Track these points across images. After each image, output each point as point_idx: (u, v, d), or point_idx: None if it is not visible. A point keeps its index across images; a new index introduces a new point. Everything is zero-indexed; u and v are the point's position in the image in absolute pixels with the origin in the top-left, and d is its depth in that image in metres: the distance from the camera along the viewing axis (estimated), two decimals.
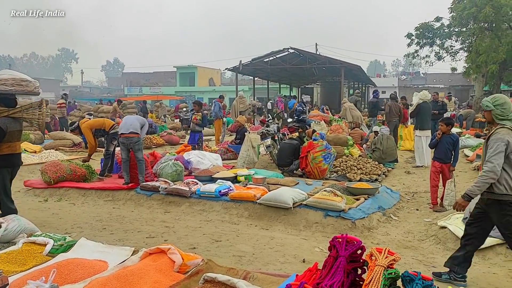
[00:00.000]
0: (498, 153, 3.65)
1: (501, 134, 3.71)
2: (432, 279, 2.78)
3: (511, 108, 3.77)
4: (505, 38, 19.84)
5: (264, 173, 8.16)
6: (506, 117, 3.77)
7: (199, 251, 4.61)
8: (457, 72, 27.66)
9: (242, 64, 24.72)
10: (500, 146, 3.65)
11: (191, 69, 51.71)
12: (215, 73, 55.07)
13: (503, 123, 3.78)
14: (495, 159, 3.65)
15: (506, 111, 3.76)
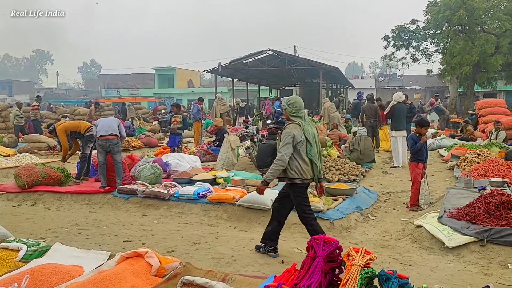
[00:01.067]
0: (286, 145, 4.37)
1: (289, 129, 4.42)
2: (407, 277, 2.82)
3: (301, 107, 4.54)
4: (478, 40, 20.34)
5: (243, 175, 8.15)
6: (296, 114, 4.51)
7: (177, 254, 4.57)
8: (432, 74, 28.24)
9: (221, 65, 24.67)
10: (287, 139, 4.36)
11: (169, 70, 51.29)
12: (194, 74, 54.74)
13: (293, 119, 4.49)
14: (284, 149, 4.37)
15: (296, 110, 4.51)
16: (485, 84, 25.89)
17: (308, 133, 4.42)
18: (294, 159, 4.39)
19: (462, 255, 4.61)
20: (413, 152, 6.94)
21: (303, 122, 4.46)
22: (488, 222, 4.84)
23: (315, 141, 4.49)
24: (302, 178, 4.42)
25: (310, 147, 4.41)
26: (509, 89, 33.51)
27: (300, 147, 4.38)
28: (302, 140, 4.38)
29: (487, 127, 14.16)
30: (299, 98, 4.65)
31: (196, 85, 53.15)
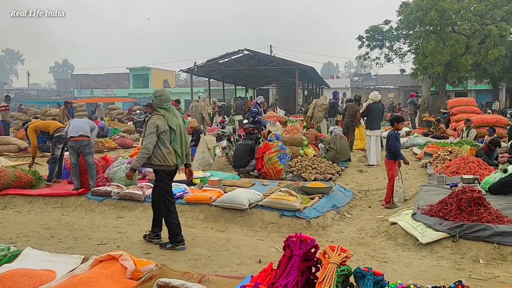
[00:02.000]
0: (150, 134, 4.70)
1: (154, 119, 4.76)
2: (382, 274, 2.86)
3: (167, 100, 4.89)
4: (449, 41, 20.83)
5: (220, 175, 8.12)
6: (162, 106, 4.85)
7: (153, 256, 4.51)
8: (406, 74, 28.80)
9: (197, 65, 24.53)
10: (151, 129, 4.70)
11: (144, 70, 50.68)
12: (170, 74, 54.25)
13: (159, 111, 4.83)
14: (148, 138, 4.70)
15: (162, 102, 4.85)
16: (456, 83, 26.58)
17: (172, 123, 4.79)
18: (157, 147, 4.75)
19: (435, 251, 4.70)
20: (391, 150, 7.04)
21: (167, 113, 4.82)
22: (460, 218, 4.96)
23: (180, 131, 4.89)
24: (165, 165, 4.80)
25: (174, 136, 4.80)
26: (479, 88, 34.48)
27: (164, 136, 4.75)
28: (165, 129, 4.75)
29: (458, 125, 14.52)
30: (165, 91, 5.02)
31: (171, 85, 52.70)
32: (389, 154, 7.13)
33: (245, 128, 11.79)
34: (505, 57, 21.19)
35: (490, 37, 20.10)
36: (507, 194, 6.46)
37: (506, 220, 4.92)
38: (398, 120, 7.26)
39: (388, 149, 7.17)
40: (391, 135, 7.08)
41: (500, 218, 4.94)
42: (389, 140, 7.04)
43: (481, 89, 34.56)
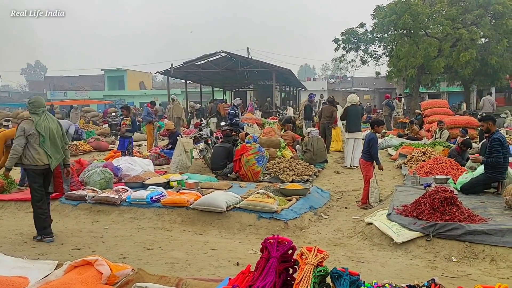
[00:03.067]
0: (18, 137, 5.15)
1: (22, 124, 5.20)
2: (358, 274, 2.90)
3: (40, 106, 5.31)
4: (422, 44, 21.26)
5: (197, 178, 8.08)
6: (34, 112, 5.27)
7: (129, 260, 4.46)
8: (380, 76, 29.27)
9: (174, 67, 24.33)
10: (19, 132, 5.15)
11: (120, 72, 49.93)
12: (146, 76, 53.64)
13: (30, 116, 5.27)
14: (17, 141, 5.16)
15: (35, 108, 5.26)
16: (429, 85, 27.15)
17: (41, 127, 5.20)
18: (27, 149, 5.20)
19: (410, 250, 4.79)
20: (370, 153, 7.13)
21: (37, 118, 5.22)
22: (433, 217, 5.07)
23: (51, 135, 5.31)
24: (35, 165, 5.24)
25: (43, 139, 5.21)
26: (451, 90, 35.31)
27: (31, 139, 5.17)
28: (32, 133, 5.16)
29: (431, 127, 14.84)
30: (39, 98, 5.44)
31: (148, 87, 52.13)
32: (366, 156, 7.22)
33: (222, 131, 11.77)
34: (475, 60, 21.72)
35: (461, 41, 20.62)
36: (478, 194, 6.64)
37: (477, 219, 5.06)
38: (378, 124, 7.40)
39: (365, 151, 7.26)
40: (372, 139, 7.16)
41: (472, 217, 5.07)
42: (370, 142, 7.11)
43: (453, 91, 35.39)
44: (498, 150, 6.46)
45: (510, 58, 21.87)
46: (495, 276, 4.01)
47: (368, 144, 7.15)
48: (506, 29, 20.69)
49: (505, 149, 6.54)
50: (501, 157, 6.46)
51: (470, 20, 21.43)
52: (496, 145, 6.49)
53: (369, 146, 7.11)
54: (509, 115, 21.47)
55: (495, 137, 6.60)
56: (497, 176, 6.60)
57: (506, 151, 6.56)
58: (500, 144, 6.47)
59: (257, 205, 5.97)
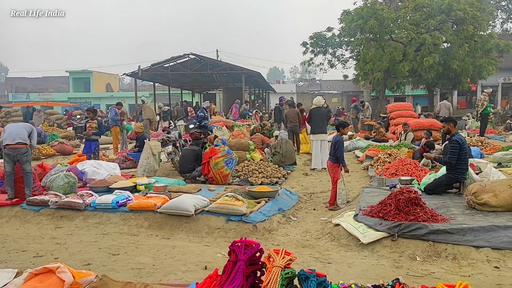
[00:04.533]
0: None
1: None
2: (325, 275, 2.92)
3: None
4: (388, 48, 21.79)
5: (165, 181, 7.96)
6: None
7: (94, 267, 4.33)
8: (348, 79, 29.77)
9: (141, 69, 23.97)
10: None
11: (85, 74, 48.71)
12: (113, 78, 52.54)
13: None
14: None
15: None
16: (395, 89, 27.81)
17: None
18: None
19: (376, 250, 4.87)
20: (336, 155, 7.24)
21: None
22: (398, 218, 5.17)
23: None
24: None
25: None
26: (416, 94, 36.32)
27: None
28: None
29: (397, 129, 15.20)
30: None
31: (115, 89, 51.11)
32: (333, 158, 7.33)
33: (191, 133, 11.68)
34: (438, 64, 22.42)
35: (425, 45, 21.23)
36: (441, 194, 6.84)
37: (440, 219, 5.20)
38: (343, 126, 7.53)
39: (332, 153, 7.36)
40: (338, 141, 7.28)
41: (435, 217, 5.20)
42: (336, 145, 7.22)
43: (417, 94, 36.42)
44: (454, 152, 6.69)
45: (471, 62, 22.67)
46: (457, 274, 4.12)
47: (334, 146, 7.27)
48: (467, 35, 21.45)
49: (464, 150, 6.76)
50: (455, 159, 6.69)
51: (433, 26, 22.11)
52: (453, 147, 6.72)
53: (335, 149, 7.23)
54: (470, 117, 22.28)
55: (454, 139, 6.83)
56: (458, 177, 6.81)
57: (465, 153, 6.78)
58: (458, 146, 6.70)
59: (225, 208, 5.94)
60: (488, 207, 5.58)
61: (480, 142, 13.15)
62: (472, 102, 36.67)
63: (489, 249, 4.47)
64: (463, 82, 25.51)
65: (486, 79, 26.05)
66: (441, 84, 27.36)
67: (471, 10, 21.26)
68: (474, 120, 20.43)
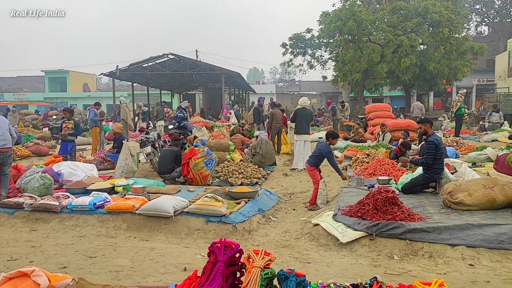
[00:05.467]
0: None
1: None
2: (304, 275, 2.93)
3: None
4: (366, 49, 22.09)
5: (144, 182, 7.88)
6: None
7: (70, 270, 4.26)
8: (327, 80, 30.05)
9: (119, 69, 23.65)
10: None
11: (62, 73, 47.77)
12: (90, 78, 51.69)
13: None
14: None
15: None
16: (373, 90, 28.23)
17: None
18: None
19: (355, 250, 4.92)
20: (315, 158, 7.33)
21: None
22: (376, 217, 5.24)
23: None
24: None
25: None
26: (393, 95, 36.91)
27: None
28: None
29: (375, 130, 15.41)
30: None
31: (92, 89, 50.31)
32: (311, 161, 7.40)
33: (170, 134, 11.59)
34: (415, 66, 22.85)
35: (402, 47, 21.61)
36: (418, 193, 6.96)
37: (417, 218, 5.29)
38: (334, 137, 7.55)
39: (313, 157, 7.46)
40: (329, 152, 7.36)
41: (412, 216, 5.29)
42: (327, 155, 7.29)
43: (395, 95, 37.02)
44: (430, 153, 6.83)
45: (446, 64, 23.17)
46: (433, 272, 4.20)
47: (320, 153, 7.34)
48: (443, 37, 21.92)
49: (440, 150, 6.90)
50: (432, 159, 6.83)
51: (409, 28, 22.51)
52: (430, 147, 6.86)
53: (321, 155, 7.31)
54: (446, 118, 22.75)
55: (431, 139, 6.97)
56: (434, 176, 6.95)
57: (441, 153, 6.93)
58: (434, 147, 6.84)
59: (205, 209, 5.91)
60: (463, 206, 5.71)
61: (455, 143, 13.45)
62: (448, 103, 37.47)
63: (464, 247, 4.57)
64: (439, 84, 26.03)
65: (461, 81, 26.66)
66: (417, 85, 27.89)
67: (447, 13, 21.73)
68: (449, 121, 20.88)
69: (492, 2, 44.16)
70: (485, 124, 19.41)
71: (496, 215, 5.45)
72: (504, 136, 14.70)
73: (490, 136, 15.64)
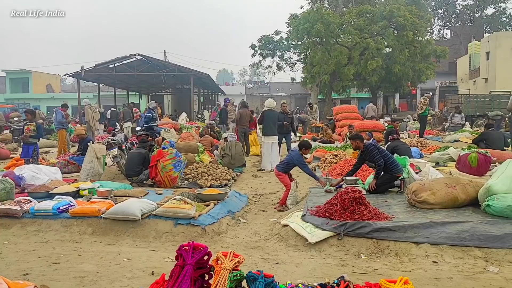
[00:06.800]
0: None
1: None
2: (273, 276, 2.94)
3: None
4: (334, 52, 22.45)
5: (110, 185, 7.70)
6: None
7: (32, 277, 4.11)
8: (296, 82, 30.35)
9: (84, 69, 23.09)
10: None
11: (24, 74, 46.23)
12: (54, 78, 50.24)
13: None
14: None
15: None
16: (340, 91, 28.68)
17: None
18: None
19: (323, 249, 4.97)
20: (284, 164, 7.46)
21: None
22: (344, 217, 5.31)
23: None
24: None
25: None
26: (360, 96, 37.65)
27: None
28: None
29: (342, 131, 15.66)
30: None
31: (56, 90, 48.94)
32: (280, 167, 7.46)
33: (138, 136, 11.40)
34: (381, 68, 23.39)
35: (369, 50, 22.09)
36: (384, 193, 7.11)
37: (383, 217, 5.40)
38: (306, 147, 7.59)
39: (282, 163, 7.57)
40: (302, 162, 7.45)
41: (378, 215, 5.39)
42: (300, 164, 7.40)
43: (362, 97, 37.77)
44: (375, 154, 7.05)
45: (411, 66, 23.83)
46: (399, 270, 4.29)
47: (290, 161, 7.43)
48: (407, 40, 22.54)
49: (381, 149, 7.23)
50: (381, 158, 7.04)
51: (376, 31, 23.03)
52: (371, 151, 7.12)
53: (292, 163, 7.42)
54: (411, 119, 23.38)
55: (367, 145, 7.27)
56: (396, 172, 7.11)
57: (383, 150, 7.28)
58: (374, 148, 7.15)
59: (173, 212, 5.84)
60: (427, 205, 5.86)
61: (419, 143, 13.82)
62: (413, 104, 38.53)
63: (428, 245, 4.70)
64: (404, 86, 26.74)
65: (425, 83, 27.50)
66: (384, 87, 28.54)
67: (411, 17, 22.36)
68: (414, 122, 21.46)
69: (454, 7, 45.80)
70: (447, 125, 20.06)
71: (458, 213, 5.63)
72: (466, 137, 15.23)
73: (453, 137, 16.16)
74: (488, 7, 45.44)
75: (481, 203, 5.72)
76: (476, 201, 5.90)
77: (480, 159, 8.61)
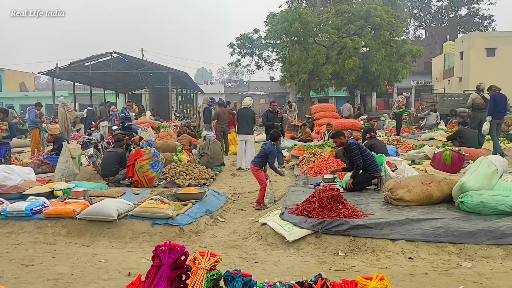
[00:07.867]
0: None
1: None
2: (251, 275, 2.93)
3: None
4: (312, 51, 22.58)
5: (86, 185, 7.56)
6: None
7: (4, 280, 4.01)
8: (275, 81, 30.41)
9: (59, 67, 22.62)
10: None
11: None
12: (28, 76, 49.05)
13: None
14: None
15: None
16: (319, 90, 28.90)
17: None
18: None
19: (301, 247, 4.99)
20: (260, 159, 7.38)
21: None
22: (321, 215, 5.34)
23: None
24: None
25: None
26: (338, 95, 38.01)
27: None
28: None
29: (321, 129, 15.77)
30: None
31: (30, 88, 47.80)
32: (256, 162, 7.44)
33: (114, 135, 11.23)
34: (358, 67, 23.65)
35: (346, 49, 22.30)
36: (361, 191, 7.19)
37: (360, 214, 5.45)
38: (276, 138, 7.70)
39: (257, 158, 7.51)
40: (272, 151, 7.43)
41: (355, 213, 5.45)
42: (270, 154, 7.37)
43: (340, 96, 38.13)
44: (355, 153, 7.12)
45: (387, 66, 24.16)
46: (375, 266, 4.34)
47: (264, 153, 7.39)
48: (384, 40, 22.85)
49: (362, 148, 7.27)
50: (360, 158, 7.10)
51: (353, 30, 23.26)
52: (352, 150, 7.19)
53: (266, 155, 7.36)
54: (387, 118, 23.72)
55: (349, 143, 7.34)
56: (374, 172, 7.20)
57: (364, 150, 7.29)
58: (355, 147, 7.20)
59: (151, 212, 5.76)
60: (403, 202, 5.95)
61: (396, 141, 14.04)
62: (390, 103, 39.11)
63: (404, 241, 4.77)
64: (380, 85, 27.10)
65: (401, 82, 27.94)
66: (361, 86, 28.87)
67: (387, 17, 22.68)
68: (391, 120, 21.78)
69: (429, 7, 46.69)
70: (423, 123, 20.44)
71: (433, 210, 5.73)
72: (441, 135, 15.54)
73: (428, 135, 16.47)
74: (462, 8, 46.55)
75: (455, 200, 5.84)
76: (451, 198, 6.03)
77: (454, 157, 8.79)
